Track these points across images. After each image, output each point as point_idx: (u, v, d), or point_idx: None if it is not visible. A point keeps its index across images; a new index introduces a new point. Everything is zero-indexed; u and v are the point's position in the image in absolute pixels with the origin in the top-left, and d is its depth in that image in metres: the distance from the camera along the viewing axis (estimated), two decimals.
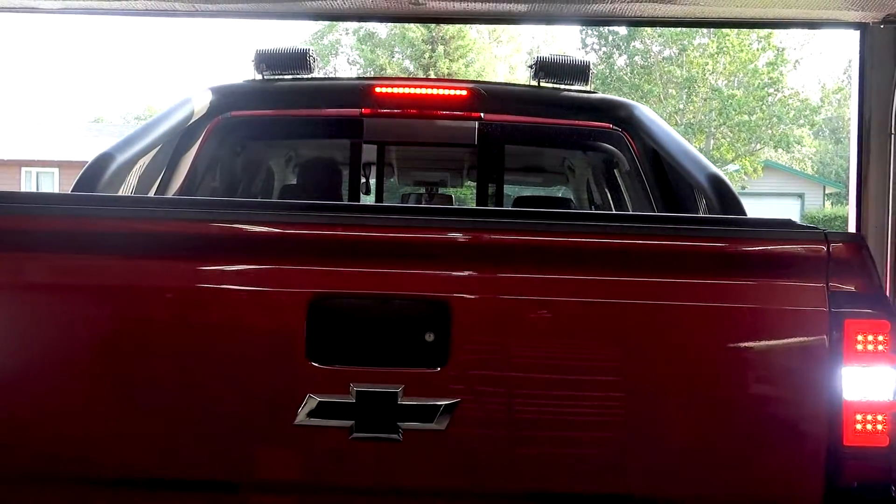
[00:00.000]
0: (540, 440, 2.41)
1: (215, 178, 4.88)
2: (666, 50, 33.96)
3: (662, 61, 33.78)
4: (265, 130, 4.95)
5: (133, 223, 2.44)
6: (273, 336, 2.39)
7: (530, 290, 2.41)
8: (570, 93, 4.61)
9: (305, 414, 2.34)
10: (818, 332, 2.38)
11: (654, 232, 2.49)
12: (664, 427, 2.41)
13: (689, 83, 32.88)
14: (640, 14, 5.60)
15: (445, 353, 2.36)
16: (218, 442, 2.40)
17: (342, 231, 2.44)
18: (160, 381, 2.41)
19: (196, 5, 5.35)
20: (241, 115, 4.61)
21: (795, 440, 2.41)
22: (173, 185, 4.39)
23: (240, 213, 2.51)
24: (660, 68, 33.62)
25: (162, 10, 5.62)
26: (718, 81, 33.06)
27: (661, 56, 34.07)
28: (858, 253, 2.45)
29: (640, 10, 5.44)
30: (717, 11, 5.55)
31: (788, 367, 2.41)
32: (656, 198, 4.41)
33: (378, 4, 5.43)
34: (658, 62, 33.75)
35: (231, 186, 5.27)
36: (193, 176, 4.48)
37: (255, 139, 5.20)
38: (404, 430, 2.35)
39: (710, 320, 2.41)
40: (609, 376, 2.43)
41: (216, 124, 4.52)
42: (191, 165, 4.46)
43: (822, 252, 2.41)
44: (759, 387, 2.43)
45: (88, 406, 2.41)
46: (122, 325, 2.42)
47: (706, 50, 32.69)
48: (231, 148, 5.00)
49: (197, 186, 4.53)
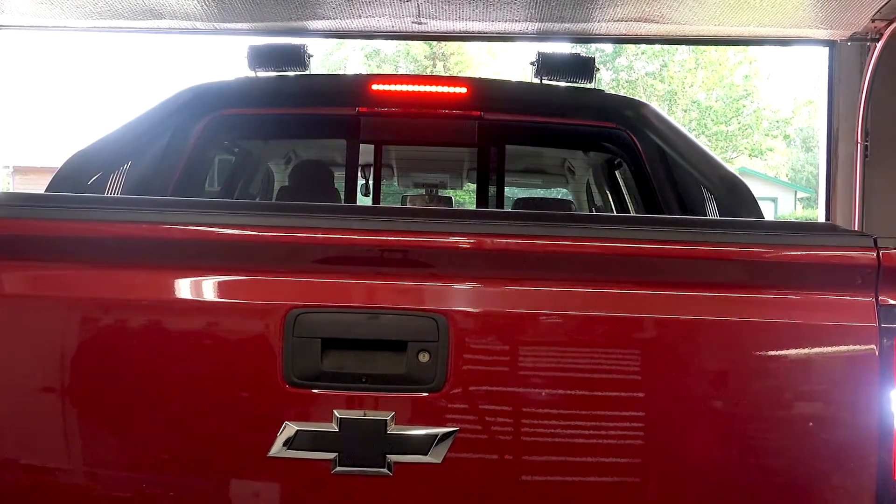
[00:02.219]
0: (549, 474, 1.94)
1: (207, 178, 4.43)
2: (649, 66, 34.03)
3: (645, 76, 33.83)
4: (258, 129, 4.45)
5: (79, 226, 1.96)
6: (244, 355, 1.92)
7: (539, 304, 1.95)
8: (574, 90, 4.16)
9: (281, 444, 1.89)
10: (866, 351, 1.93)
11: (684, 238, 2.00)
12: (692, 460, 1.94)
13: (671, 96, 32.94)
14: (626, 32, 5.61)
15: (442, 376, 1.90)
16: (180, 478, 1.93)
17: (324, 235, 1.96)
18: (111, 410, 1.93)
19: (215, 25, 5.35)
20: (233, 112, 4.12)
21: (840, 473, 1.94)
22: (163, 187, 3.88)
23: (205, 216, 2.02)
24: (643, 83, 33.66)
25: (184, 29, 5.63)
26: (698, 94, 33.11)
27: (644, 71, 34.13)
28: None
29: (626, 29, 5.45)
30: (697, 30, 5.56)
31: (832, 391, 1.95)
32: (666, 201, 3.89)
33: (383, 24, 5.43)
34: (641, 77, 33.79)
35: (223, 188, 4.90)
36: (183, 177, 3.97)
37: (248, 138, 4.73)
38: (394, 463, 1.89)
39: (744, 338, 1.94)
40: (631, 403, 1.92)
41: (207, 123, 4.04)
42: (181, 166, 3.96)
43: (872, 260, 1.94)
44: (798, 414, 1.94)
45: (36, 433, 1.93)
46: (66, 343, 1.93)
47: (685, 65, 32.77)
48: (223, 147, 4.63)
49: (187, 188, 3.99)
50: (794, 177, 44.06)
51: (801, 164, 44.66)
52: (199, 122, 4.00)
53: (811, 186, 38.85)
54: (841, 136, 5.71)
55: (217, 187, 4.95)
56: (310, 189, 4.74)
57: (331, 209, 2.13)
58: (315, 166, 5.22)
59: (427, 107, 4.10)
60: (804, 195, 39.02)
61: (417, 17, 5.17)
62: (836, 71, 5.75)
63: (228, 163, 5.09)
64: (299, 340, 1.91)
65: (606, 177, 5.06)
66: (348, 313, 1.93)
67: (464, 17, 5.15)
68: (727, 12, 4.96)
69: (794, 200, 38.36)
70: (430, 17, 5.20)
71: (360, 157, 4.45)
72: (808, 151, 43.20)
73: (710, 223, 2.41)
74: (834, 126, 5.77)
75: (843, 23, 5.13)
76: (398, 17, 5.22)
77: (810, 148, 41.11)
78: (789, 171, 44.79)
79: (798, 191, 39.63)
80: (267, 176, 5.58)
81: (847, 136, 5.64)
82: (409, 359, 1.91)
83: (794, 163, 44.97)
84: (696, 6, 4.84)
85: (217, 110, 4.05)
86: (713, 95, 33.52)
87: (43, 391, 1.94)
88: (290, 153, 5.44)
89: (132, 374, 1.92)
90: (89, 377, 1.92)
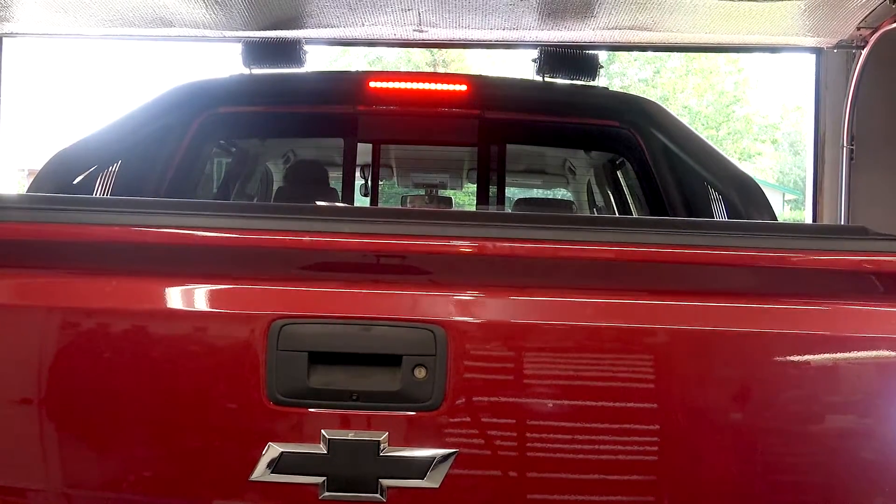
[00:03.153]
0: (556, 497, 1.74)
1: (202, 179, 4.15)
2: (641, 72, 34.04)
3: (639, 82, 33.83)
4: (254, 127, 4.17)
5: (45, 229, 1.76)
6: (224, 370, 1.71)
7: (546, 314, 1.73)
8: (576, 88, 3.88)
9: (265, 467, 1.68)
10: None
11: (702, 243, 1.78)
12: (710, 484, 1.73)
13: (663, 101, 32.85)
14: (620, 40, 5.61)
15: (440, 393, 1.69)
16: (157, 500, 1.73)
17: (310, 238, 1.75)
18: (81, 428, 1.73)
19: (223, 32, 5.35)
20: (228, 110, 3.85)
21: (868, 494, 1.74)
22: (156, 187, 3.66)
23: (181, 218, 1.79)
24: (637, 89, 33.64)
25: (193, 36, 5.64)
26: (689, 100, 33.13)
27: (637, 78, 34.12)
28: None
29: (620, 37, 5.45)
30: (689, 38, 5.56)
31: (863, 409, 1.74)
32: (671, 201, 3.64)
33: (386, 32, 5.43)
34: (634, 83, 33.79)
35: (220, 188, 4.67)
36: (177, 176, 3.73)
37: (244, 137, 4.47)
38: (388, 487, 1.68)
39: (767, 351, 1.72)
40: (645, 420, 1.71)
41: (202, 121, 3.79)
42: (175, 165, 3.73)
43: None
44: (827, 433, 1.74)
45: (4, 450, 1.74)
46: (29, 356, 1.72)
47: (676, 72, 32.81)
48: (218, 146, 4.38)
49: (181, 188, 3.76)
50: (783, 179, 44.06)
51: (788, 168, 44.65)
52: (194, 120, 3.77)
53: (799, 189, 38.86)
54: (828, 141, 5.72)
55: (213, 188, 4.73)
56: (307, 190, 4.46)
57: (318, 211, 1.95)
58: (312, 166, 4.97)
59: (426, 105, 3.84)
60: (792, 197, 39.04)
61: (419, 25, 5.17)
62: (822, 77, 5.77)
63: (224, 163, 4.89)
64: (284, 354, 1.69)
65: (608, 176, 4.85)
66: (338, 324, 1.71)
67: (463, 26, 5.16)
68: (718, 21, 4.96)
69: (783, 202, 38.39)
70: (431, 26, 5.20)
71: (358, 157, 4.22)
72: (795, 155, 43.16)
73: (728, 226, 2.13)
74: (821, 130, 5.79)
75: (829, 31, 5.14)
76: (400, 26, 5.22)
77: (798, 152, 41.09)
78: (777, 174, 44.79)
79: (786, 193, 39.64)
80: (265, 176, 5.36)
81: (833, 140, 5.66)
82: (405, 374, 1.70)
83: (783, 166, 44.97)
84: (687, 15, 4.84)
85: (212, 108, 3.82)
86: (704, 101, 33.54)
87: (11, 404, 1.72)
88: (289, 152, 5.20)
89: (104, 389, 1.71)
90: (58, 390, 1.72)
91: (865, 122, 5.42)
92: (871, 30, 5.02)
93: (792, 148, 43.44)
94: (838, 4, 4.61)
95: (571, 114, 3.93)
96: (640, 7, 4.67)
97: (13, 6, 4.97)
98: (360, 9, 4.83)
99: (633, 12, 4.81)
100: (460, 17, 5.01)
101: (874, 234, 1.92)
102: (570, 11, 4.85)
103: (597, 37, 5.43)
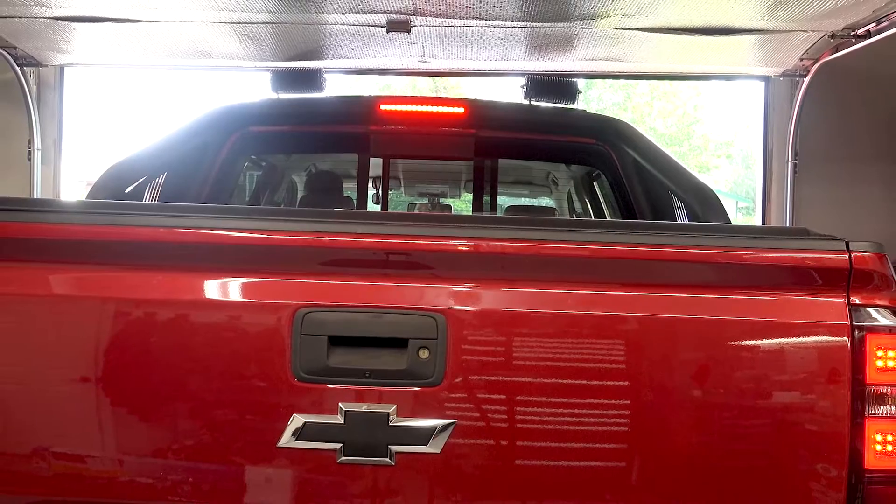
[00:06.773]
0: (544, 464, 1.79)
1: (235, 188, 4.23)
2: (614, 97, 34.04)
3: (613, 105, 33.84)
4: (280, 144, 4.24)
5: (103, 230, 1.81)
6: (257, 351, 1.77)
7: (532, 304, 1.80)
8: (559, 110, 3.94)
9: (290, 435, 1.75)
10: (838, 349, 1.76)
11: (667, 242, 1.83)
12: (675, 451, 1.79)
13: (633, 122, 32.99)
14: (596, 69, 5.67)
15: (441, 371, 1.75)
16: (195, 465, 1.78)
17: (330, 239, 1.80)
18: (131, 401, 1.79)
19: (255, 63, 5.36)
20: (258, 130, 3.91)
21: (814, 463, 1.78)
22: (196, 196, 3.70)
23: (220, 221, 1.85)
24: (611, 111, 33.64)
25: (230, 66, 5.64)
26: (655, 121, 33.14)
27: (611, 101, 34.14)
28: (882, 264, 1.79)
29: (596, 66, 5.49)
30: (655, 67, 5.60)
31: (806, 386, 1.78)
32: (640, 208, 3.66)
33: (394, 62, 5.44)
34: (608, 106, 33.80)
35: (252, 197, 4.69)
36: (215, 186, 3.79)
37: (271, 152, 4.52)
38: (397, 453, 1.75)
39: (724, 336, 1.78)
40: (620, 396, 1.78)
41: (236, 138, 3.85)
42: (213, 176, 3.78)
43: (844, 263, 1.77)
44: (775, 407, 1.78)
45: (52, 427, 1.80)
46: (86, 340, 1.78)
47: (643, 97, 32.85)
48: (250, 160, 4.42)
49: (218, 197, 3.82)
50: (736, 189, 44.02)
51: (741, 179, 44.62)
52: (228, 138, 3.84)
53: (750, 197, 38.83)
54: (775, 156, 5.74)
55: (246, 196, 4.76)
56: (327, 198, 4.56)
57: (336, 215, 2.00)
58: (331, 178, 5.00)
59: (429, 125, 3.90)
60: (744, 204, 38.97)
61: (423, 56, 5.17)
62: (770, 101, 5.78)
63: (255, 175, 4.91)
64: (307, 338, 1.76)
65: (586, 187, 4.88)
66: (353, 312, 1.79)
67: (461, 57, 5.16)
68: (679, 53, 4.97)
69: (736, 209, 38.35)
70: (433, 57, 5.20)
71: (370, 170, 4.28)
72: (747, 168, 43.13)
73: (689, 228, 2.17)
74: (769, 147, 5.80)
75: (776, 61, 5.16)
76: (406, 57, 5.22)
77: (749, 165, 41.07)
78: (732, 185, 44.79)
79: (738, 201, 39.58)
80: (290, 186, 5.39)
81: (780, 155, 5.69)
82: (411, 355, 1.77)
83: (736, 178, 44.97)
84: (653, 48, 4.85)
85: (244, 128, 3.88)
86: (668, 122, 33.54)
87: (72, 383, 1.79)
88: (311, 166, 5.23)
89: (153, 369, 1.78)
90: (113, 369, 1.79)
91: (807, 141, 5.47)
92: (812, 60, 5.04)
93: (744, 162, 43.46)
94: (784, 38, 4.63)
95: (554, 133, 3.98)
96: (614, 41, 4.69)
97: (73, 41, 4.98)
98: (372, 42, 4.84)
99: (607, 45, 4.82)
100: (458, 50, 5.02)
101: (814, 234, 1.98)
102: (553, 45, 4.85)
103: (576, 66, 5.45)
